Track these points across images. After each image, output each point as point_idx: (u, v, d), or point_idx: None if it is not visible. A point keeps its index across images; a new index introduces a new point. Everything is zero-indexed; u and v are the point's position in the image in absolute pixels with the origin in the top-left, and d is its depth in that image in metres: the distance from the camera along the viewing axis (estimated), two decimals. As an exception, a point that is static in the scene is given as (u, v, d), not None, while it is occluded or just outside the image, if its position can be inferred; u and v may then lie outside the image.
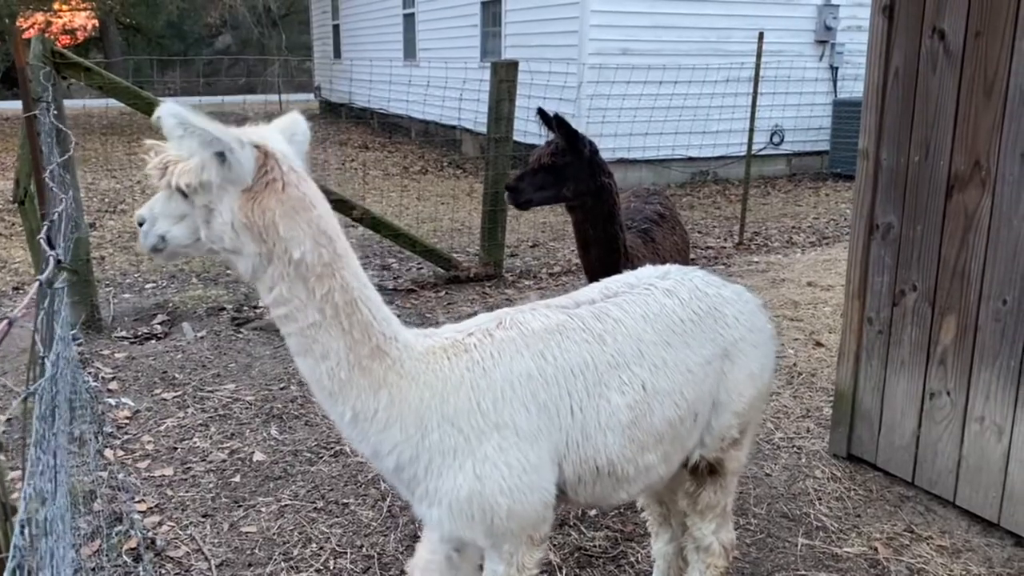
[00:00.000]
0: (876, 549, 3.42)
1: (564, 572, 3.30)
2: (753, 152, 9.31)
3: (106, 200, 11.06)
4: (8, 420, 4.39)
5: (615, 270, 3.39)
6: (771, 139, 13.45)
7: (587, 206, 3.71)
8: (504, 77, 7.23)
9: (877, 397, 3.99)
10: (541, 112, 3.72)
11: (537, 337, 2.16)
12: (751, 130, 8.98)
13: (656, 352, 2.27)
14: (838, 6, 13.26)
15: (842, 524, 3.62)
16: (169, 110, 1.76)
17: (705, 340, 2.38)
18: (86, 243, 6.01)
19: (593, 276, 3.48)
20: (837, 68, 13.69)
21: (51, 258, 1.38)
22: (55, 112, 4.52)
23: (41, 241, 1.63)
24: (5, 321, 1.06)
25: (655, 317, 2.32)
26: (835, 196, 12.16)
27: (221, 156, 1.80)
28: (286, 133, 2.01)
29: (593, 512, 3.72)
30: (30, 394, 1.19)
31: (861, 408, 4.07)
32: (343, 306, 1.92)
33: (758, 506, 3.76)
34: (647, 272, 2.56)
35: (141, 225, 1.95)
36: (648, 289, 2.41)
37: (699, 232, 9.62)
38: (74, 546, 3.19)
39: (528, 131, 10.02)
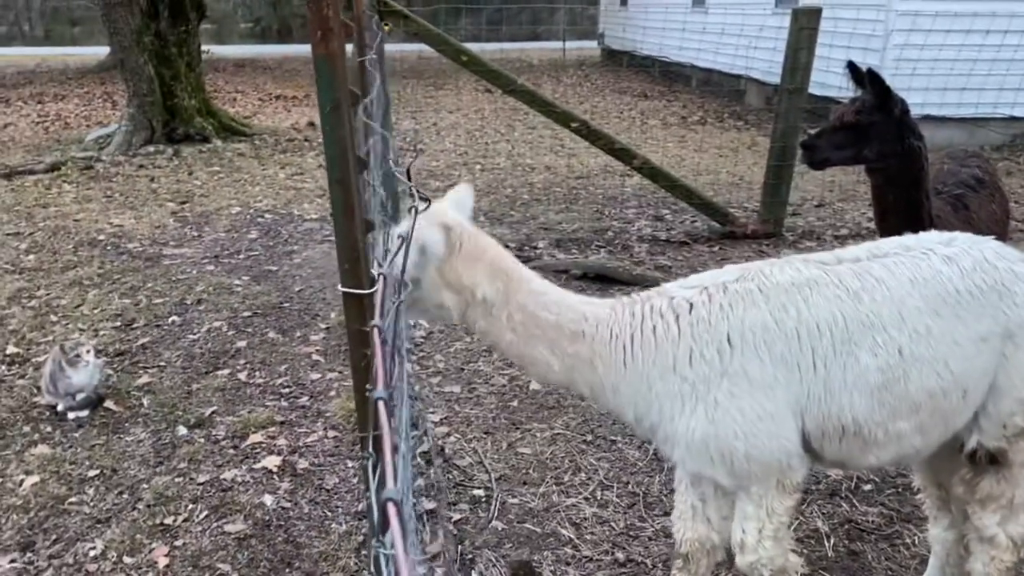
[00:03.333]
0: None
1: (832, 542, 3.23)
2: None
3: (407, 140, 12.07)
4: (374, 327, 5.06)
5: None
6: (1120, 98, 11.47)
7: (890, 170, 3.47)
8: (805, 24, 6.83)
9: None
10: (852, 66, 3.52)
11: (780, 290, 2.20)
12: (1097, 87, 7.75)
13: (919, 318, 2.19)
14: None
15: None
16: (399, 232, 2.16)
17: (984, 315, 2.23)
18: (392, 179, 6.66)
19: None
20: None
21: (414, 189, 1.63)
22: (374, 56, 5.00)
23: (398, 174, 1.91)
24: (400, 239, 1.27)
25: (925, 283, 2.23)
26: None
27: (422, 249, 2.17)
28: (456, 203, 2.36)
29: (868, 487, 3.58)
30: (400, 303, 1.42)
31: None
32: (528, 320, 2.23)
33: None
34: (930, 237, 2.44)
35: None
36: (925, 254, 2.30)
37: (1016, 202, 8.54)
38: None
39: (826, 83, 9.43)
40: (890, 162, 3.46)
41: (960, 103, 10.45)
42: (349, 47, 5.83)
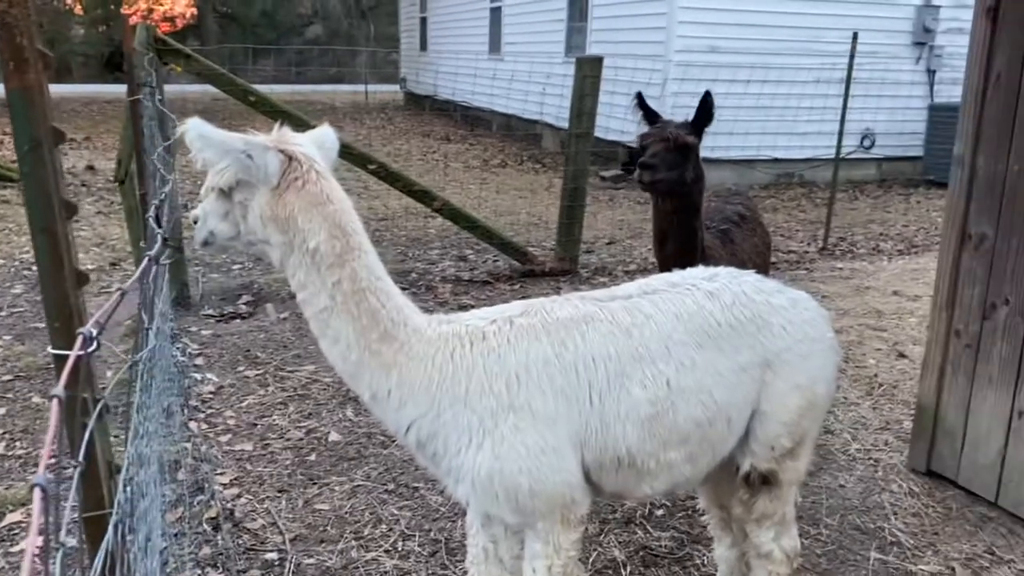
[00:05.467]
0: (953, 569, 3.31)
1: (628, 570, 3.30)
2: (842, 155, 9.06)
3: (198, 183, 11.47)
4: (110, 387, 4.62)
5: (690, 267, 3.35)
6: (861, 142, 13.04)
7: (692, 195, 3.56)
8: (588, 73, 7.21)
9: (961, 413, 3.85)
10: (640, 96, 3.70)
11: (560, 325, 2.23)
12: (840, 133, 8.73)
13: (685, 352, 2.29)
14: (939, 7, 12.76)
15: (918, 541, 3.52)
16: (191, 125, 2.01)
17: (743, 347, 2.36)
18: (179, 223, 6.27)
19: (667, 271, 3.43)
20: (935, 71, 13.18)
21: (159, 236, 1.48)
22: (160, 98, 4.74)
23: (150, 220, 1.74)
24: (118, 292, 1.13)
25: (689, 317, 2.33)
26: (927, 204, 11.73)
27: (245, 160, 2.04)
28: (317, 141, 2.22)
29: (660, 512, 3.71)
30: (135, 362, 1.28)
31: (944, 423, 3.94)
32: (351, 294, 2.10)
33: (830, 517, 3.68)
34: (695, 272, 2.56)
35: (195, 223, 2.22)
36: (689, 289, 2.42)
37: (782, 236, 9.41)
38: (160, 511, 3.35)
39: (610, 127, 9.95)
40: (695, 187, 3.57)
41: (729, 146, 11.43)
42: (117, 88, 5.45)
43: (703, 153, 3.74)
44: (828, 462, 4.16)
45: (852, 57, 8.41)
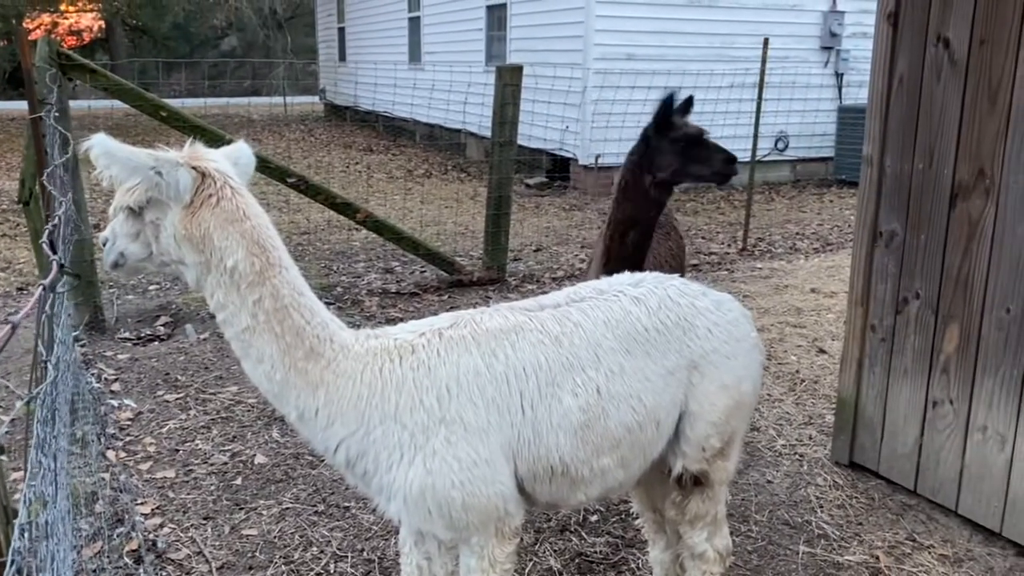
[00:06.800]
0: (878, 557, 3.41)
1: (564, 578, 3.30)
2: (757, 158, 9.30)
3: (110, 202, 11.06)
4: (11, 422, 4.40)
5: (643, 256, 3.45)
6: (775, 145, 13.44)
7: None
8: (509, 81, 7.23)
9: (880, 405, 3.98)
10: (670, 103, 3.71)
11: (490, 336, 2.22)
12: (755, 136, 8.97)
13: (614, 358, 2.31)
14: (843, 12, 13.27)
15: (844, 532, 3.61)
16: (96, 142, 1.95)
17: (669, 350, 2.39)
18: (90, 245, 6.02)
19: (620, 263, 3.37)
20: (842, 74, 13.69)
21: (53, 262, 1.39)
22: (56, 114, 4.53)
23: (43, 245, 1.64)
24: (8, 325, 1.07)
25: (617, 323, 2.36)
26: (839, 203, 12.15)
27: (154, 178, 1.99)
28: (231, 157, 2.18)
29: (594, 517, 3.72)
30: (32, 398, 1.20)
31: (863, 416, 4.06)
32: (274, 312, 2.06)
33: (759, 513, 3.75)
34: (621, 279, 2.59)
35: (104, 245, 2.16)
36: (616, 296, 2.44)
37: (703, 238, 9.61)
38: (76, 547, 3.20)
39: (532, 135, 10.00)
40: None
41: (651, 151, 11.61)
42: (22, 104, 5.22)
43: (623, 159, 3.78)
44: (755, 459, 4.24)
45: (764, 62, 8.66)
